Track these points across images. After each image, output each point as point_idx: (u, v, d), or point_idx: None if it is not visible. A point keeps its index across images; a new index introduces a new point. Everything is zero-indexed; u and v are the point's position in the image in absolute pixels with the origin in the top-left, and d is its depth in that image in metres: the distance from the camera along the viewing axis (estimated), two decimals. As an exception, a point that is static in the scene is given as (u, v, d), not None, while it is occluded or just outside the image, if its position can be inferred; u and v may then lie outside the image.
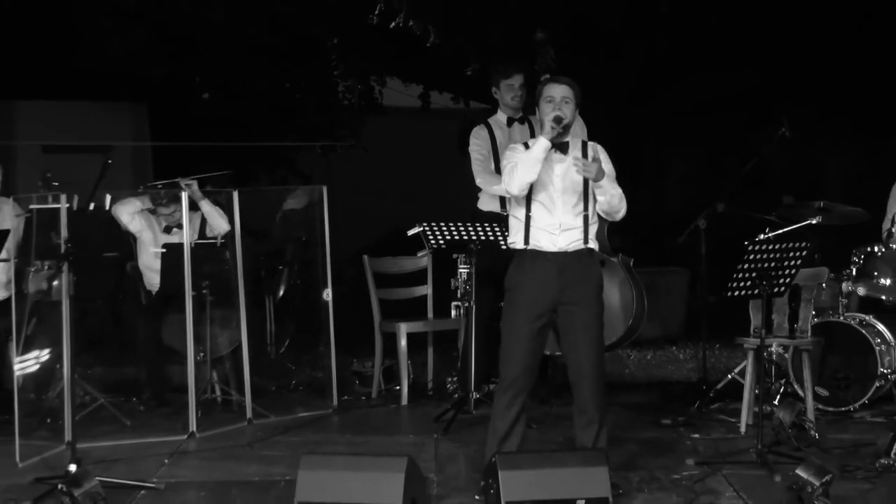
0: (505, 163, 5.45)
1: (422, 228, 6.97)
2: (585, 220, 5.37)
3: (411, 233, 7.14)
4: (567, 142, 5.38)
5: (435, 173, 12.75)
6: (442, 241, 6.97)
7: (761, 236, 6.79)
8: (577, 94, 5.38)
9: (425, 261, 8.06)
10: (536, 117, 5.57)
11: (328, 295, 7.58)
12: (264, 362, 8.70)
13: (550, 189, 5.35)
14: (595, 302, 5.39)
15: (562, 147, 5.36)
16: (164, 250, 7.20)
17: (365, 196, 13.66)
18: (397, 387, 7.86)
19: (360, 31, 10.89)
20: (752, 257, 5.90)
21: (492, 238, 6.81)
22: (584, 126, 7.03)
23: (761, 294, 5.99)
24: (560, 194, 5.35)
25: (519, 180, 5.28)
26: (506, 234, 5.80)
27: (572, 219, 5.36)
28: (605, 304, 5.54)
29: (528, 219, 5.37)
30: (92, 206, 6.16)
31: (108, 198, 7.58)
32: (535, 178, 5.29)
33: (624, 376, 8.77)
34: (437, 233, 6.95)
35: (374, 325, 7.97)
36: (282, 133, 12.80)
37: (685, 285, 10.62)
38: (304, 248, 9.47)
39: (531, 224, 5.36)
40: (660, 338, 10.05)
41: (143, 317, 7.60)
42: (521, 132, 7.25)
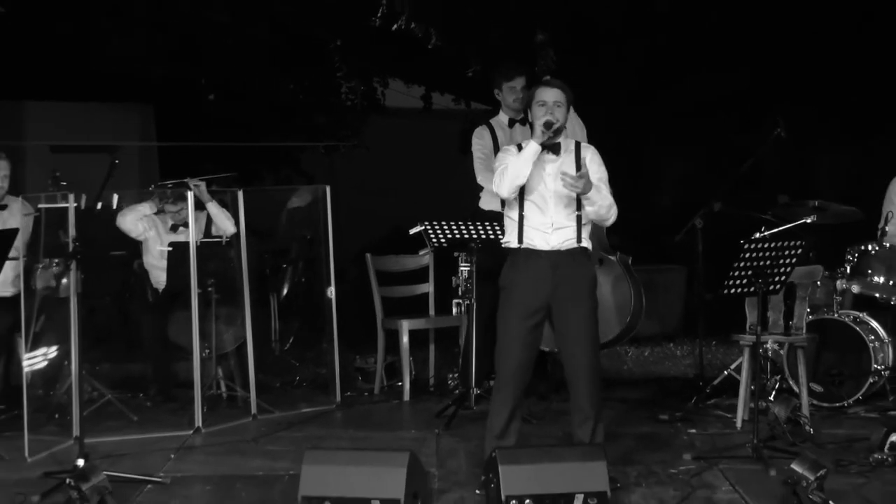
0: (497, 164, 5.45)
1: (423, 227, 6.96)
2: (578, 220, 5.36)
3: (413, 231, 7.13)
4: (559, 143, 5.38)
5: (436, 173, 12.74)
6: (443, 240, 6.96)
7: (757, 235, 6.78)
8: (568, 98, 5.37)
9: (427, 259, 8.06)
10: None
11: (331, 293, 7.59)
12: (269, 359, 8.69)
13: (543, 189, 5.34)
14: (589, 299, 5.38)
15: (554, 148, 5.35)
16: (170, 249, 7.20)
17: (367, 195, 13.63)
18: (399, 383, 7.86)
19: (362, 33, 10.88)
20: (748, 255, 5.90)
21: (492, 237, 6.81)
22: (583, 127, 7.03)
23: (757, 292, 5.99)
24: (552, 194, 5.34)
25: (508, 183, 5.28)
26: (505, 232, 5.79)
27: (565, 218, 5.35)
28: (604, 301, 5.54)
29: (521, 218, 5.37)
30: (99, 206, 6.16)
31: (116, 197, 7.58)
32: (524, 182, 5.29)
33: (622, 372, 8.77)
34: (439, 231, 6.94)
35: (376, 323, 7.97)
36: (286, 133, 12.79)
37: (682, 283, 10.62)
38: (308, 247, 9.46)
39: (524, 223, 5.36)
40: (657, 334, 10.05)
41: (150, 314, 7.60)
42: (522, 133, 7.24)
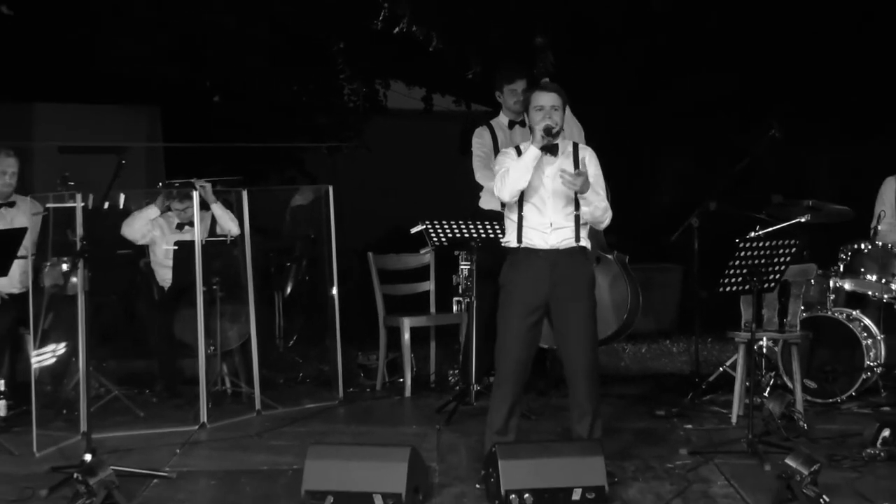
0: (496, 167, 5.45)
1: (424, 226, 6.96)
2: (577, 220, 5.36)
3: (414, 231, 7.13)
4: (556, 144, 5.37)
5: (437, 173, 12.73)
6: (444, 239, 6.96)
7: (752, 234, 6.79)
8: (564, 100, 5.38)
9: (428, 258, 8.06)
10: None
11: (335, 291, 7.59)
12: (273, 356, 8.69)
13: (541, 191, 5.35)
14: (587, 297, 5.38)
15: (552, 150, 5.35)
16: (176, 248, 7.20)
17: (370, 195, 13.63)
18: (401, 379, 7.86)
19: (365, 35, 10.89)
20: (743, 254, 5.91)
21: (492, 235, 6.80)
22: (580, 128, 7.03)
23: (752, 289, 5.99)
24: (551, 195, 5.35)
25: (510, 187, 5.29)
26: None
27: (563, 218, 5.35)
28: (601, 299, 5.55)
29: (520, 219, 5.37)
30: (107, 205, 6.16)
31: (123, 197, 7.59)
32: (525, 185, 5.29)
33: (619, 369, 8.76)
34: (440, 230, 6.94)
35: (378, 320, 7.96)
36: (289, 134, 12.79)
37: (679, 281, 10.62)
38: (311, 246, 9.46)
39: (523, 224, 5.37)
40: (654, 332, 10.05)
41: (156, 312, 7.60)
42: (521, 134, 7.23)
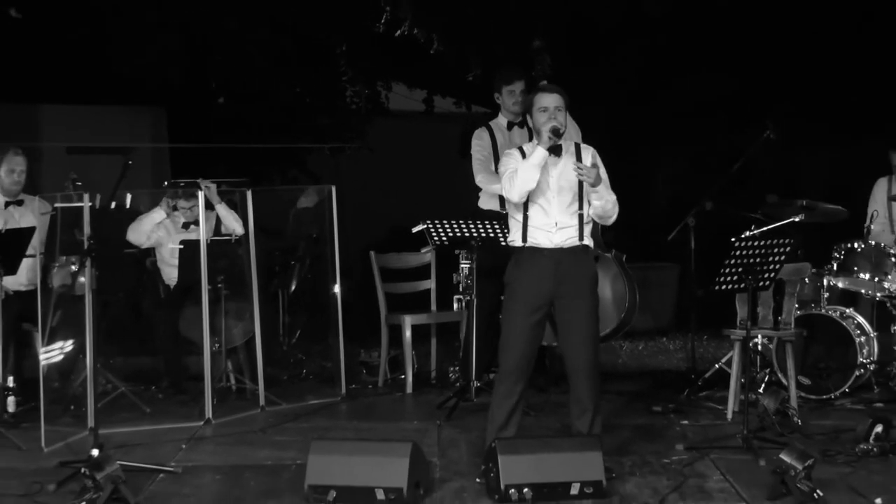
0: (502, 169, 5.44)
1: (425, 226, 6.96)
2: (580, 219, 5.37)
3: (415, 230, 7.13)
4: (560, 145, 5.38)
5: (438, 173, 12.74)
6: (444, 238, 6.96)
7: (747, 233, 6.78)
8: (566, 101, 5.38)
9: (429, 256, 8.06)
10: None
11: (337, 289, 7.59)
12: (277, 353, 8.70)
13: (547, 191, 5.35)
14: (590, 296, 5.38)
15: (556, 150, 5.35)
16: (181, 246, 7.21)
17: (372, 195, 13.63)
18: (402, 376, 7.86)
19: (367, 38, 10.89)
20: (738, 253, 5.90)
21: (492, 235, 6.80)
22: (578, 129, 7.03)
23: (747, 288, 5.99)
24: (556, 195, 5.35)
25: (519, 188, 5.29)
26: (505, 231, 5.80)
27: (568, 218, 5.35)
28: (600, 297, 5.54)
29: (525, 219, 5.37)
30: (113, 205, 6.15)
31: (129, 197, 7.59)
32: (534, 186, 5.29)
33: (617, 366, 8.76)
34: (440, 230, 6.94)
35: (380, 318, 7.96)
36: (293, 135, 12.79)
37: (675, 280, 10.63)
38: (314, 245, 9.46)
39: (528, 223, 5.36)
40: (651, 329, 10.05)
41: (162, 309, 7.60)
42: (520, 135, 7.24)
